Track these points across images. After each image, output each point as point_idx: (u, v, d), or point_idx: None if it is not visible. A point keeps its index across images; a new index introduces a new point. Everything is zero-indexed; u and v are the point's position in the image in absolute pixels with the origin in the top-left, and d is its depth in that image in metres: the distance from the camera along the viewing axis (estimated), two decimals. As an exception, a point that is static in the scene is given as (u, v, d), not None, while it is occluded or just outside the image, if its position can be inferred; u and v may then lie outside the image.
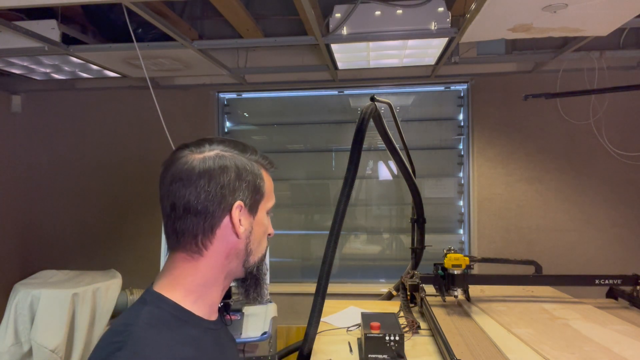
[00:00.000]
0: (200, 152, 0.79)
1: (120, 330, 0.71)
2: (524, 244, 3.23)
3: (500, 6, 1.77)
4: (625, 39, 2.90)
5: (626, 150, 3.05)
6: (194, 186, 0.76)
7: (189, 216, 0.76)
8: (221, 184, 0.77)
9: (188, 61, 2.71)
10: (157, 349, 0.70)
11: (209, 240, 0.78)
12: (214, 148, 0.80)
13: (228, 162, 0.79)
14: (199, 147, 0.81)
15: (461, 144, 3.45)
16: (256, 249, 0.84)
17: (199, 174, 0.76)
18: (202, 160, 0.77)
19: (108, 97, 3.57)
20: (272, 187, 0.88)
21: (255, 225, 0.83)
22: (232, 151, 0.81)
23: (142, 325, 0.72)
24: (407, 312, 2.11)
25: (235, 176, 0.79)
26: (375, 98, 2.19)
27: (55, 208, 3.62)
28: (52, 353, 2.30)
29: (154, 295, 0.78)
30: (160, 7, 2.31)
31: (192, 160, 0.78)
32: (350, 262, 3.59)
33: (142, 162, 3.52)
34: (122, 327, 0.72)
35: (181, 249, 0.79)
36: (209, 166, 0.77)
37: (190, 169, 0.77)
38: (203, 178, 0.76)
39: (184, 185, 0.76)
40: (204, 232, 0.77)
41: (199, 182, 0.76)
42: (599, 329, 1.79)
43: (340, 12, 2.20)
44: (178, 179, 0.77)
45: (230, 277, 0.84)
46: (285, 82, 3.42)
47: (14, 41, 2.28)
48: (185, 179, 0.76)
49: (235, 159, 0.80)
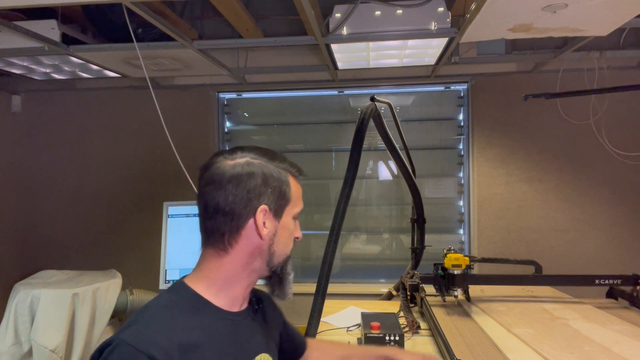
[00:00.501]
0: (232, 158, 0.87)
1: (140, 310, 0.81)
2: (524, 244, 3.23)
3: (500, 6, 1.77)
4: (625, 39, 2.90)
5: (626, 150, 3.05)
6: (224, 189, 0.84)
7: (218, 216, 0.85)
8: (248, 188, 0.84)
9: (188, 61, 2.71)
10: (162, 329, 0.76)
11: (235, 239, 0.86)
12: (244, 155, 0.87)
13: (256, 168, 0.86)
14: (231, 154, 0.88)
15: (461, 144, 3.45)
16: (280, 251, 0.90)
17: (228, 178, 0.84)
18: (232, 166, 0.85)
19: (108, 97, 3.57)
20: (299, 194, 0.93)
21: (279, 228, 0.89)
22: (260, 159, 0.88)
23: (158, 307, 0.81)
24: (407, 312, 2.11)
25: (261, 182, 0.85)
26: (375, 98, 2.19)
27: (55, 208, 3.62)
28: (52, 353, 2.30)
29: (179, 284, 0.87)
30: (160, 7, 2.31)
31: (224, 165, 0.86)
32: (350, 262, 3.59)
33: (142, 162, 3.52)
34: (143, 307, 0.82)
35: (210, 246, 0.88)
36: (237, 172, 0.85)
37: (221, 174, 0.85)
38: (232, 182, 0.84)
39: (215, 188, 0.84)
40: (230, 232, 0.85)
41: (228, 186, 0.84)
42: (599, 329, 1.79)
43: (340, 12, 2.20)
44: (210, 182, 0.85)
45: (254, 274, 0.90)
46: (285, 82, 3.42)
47: (14, 41, 2.28)
48: (216, 182, 0.84)
49: (263, 166, 0.87)
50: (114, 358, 0.71)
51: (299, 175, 0.94)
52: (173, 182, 3.27)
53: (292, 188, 0.91)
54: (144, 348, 0.72)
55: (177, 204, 2.43)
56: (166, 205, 2.42)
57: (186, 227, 2.38)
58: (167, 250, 2.34)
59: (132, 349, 0.71)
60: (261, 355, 0.92)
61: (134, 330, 0.76)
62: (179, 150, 2.43)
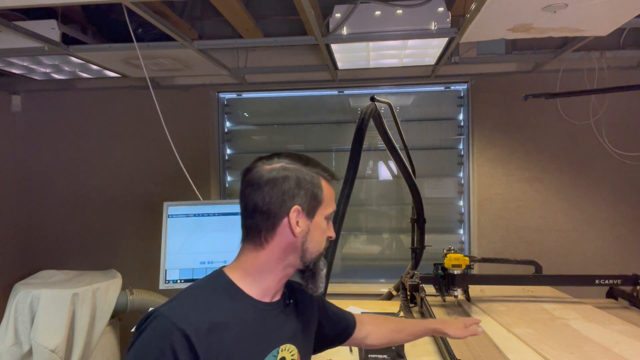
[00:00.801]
0: (270, 164, 0.97)
1: (182, 290, 0.94)
2: (524, 244, 3.23)
3: (500, 6, 1.77)
4: (625, 39, 2.90)
5: (626, 150, 3.04)
6: (261, 191, 0.94)
7: (256, 215, 0.95)
8: (282, 190, 0.94)
9: (188, 61, 2.71)
10: (196, 308, 0.88)
11: (270, 236, 0.95)
12: (280, 161, 0.97)
13: (290, 172, 0.95)
14: (269, 159, 0.98)
15: (461, 144, 3.45)
16: (313, 248, 0.99)
17: (265, 181, 0.94)
18: (269, 171, 0.95)
19: (108, 97, 3.56)
20: (331, 196, 1.02)
21: (312, 227, 0.98)
22: (295, 164, 0.97)
23: (196, 288, 0.94)
24: (407, 312, 2.11)
25: (295, 184, 0.95)
26: (375, 98, 2.19)
27: (55, 208, 3.62)
28: (52, 353, 2.30)
29: (217, 272, 0.98)
30: (160, 7, 2.31)
31: (262, 170, 0.96)
32: (351, 262, 3.59)
33: (142, 162, 3.52)
34: (184, 288, 0.95)
35: (248, 241, 0.98)
36: (273, 176, 0.94)
37: (259, 177, 0.95)
38: (268, 185, 0.94)
39: (254, 190, 0.94)
40: (266, 229, 0.95)
41: (265, 188, 0.94)
42: (599, 329, 1.79)
43: (340, 12, 2.20)
44: (250, 184, 0.96)
45: (288, 268, 0.99)
46: (285, 82, 3.42)
47: (14, 41, 2.28)
48: (255, 184, 0.95)
49: (297, 170, 0.96)
50: (153, 325, 0.85)
51: (332, 179, 1.02)
52: (173, 182, 3.27)
53: (324, 191, 0.99)
54: (178, 321, 0.83)
55: (177, 204, 2.42)
56: (166, 205, 2.41)
57: (186, 227, 2.38)
58: (167, 250, 2.33)
59: (167, 321, 0.84)
60: (286, 345, 0.99)
61: (173, 305, 0.89)
62: (179, 150, 2.43)
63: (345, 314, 1.27)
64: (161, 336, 0.83)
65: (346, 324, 1.25)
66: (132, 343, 0.87)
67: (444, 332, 1.28)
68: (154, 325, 0.85)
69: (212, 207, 2.44)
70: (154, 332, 0.84)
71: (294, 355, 1.01)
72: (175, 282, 2.31)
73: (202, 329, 0.84)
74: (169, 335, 0.82)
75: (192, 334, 0.83)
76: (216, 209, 2.43)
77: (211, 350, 0.84)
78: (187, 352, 0.82)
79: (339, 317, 1.25)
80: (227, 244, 2.36)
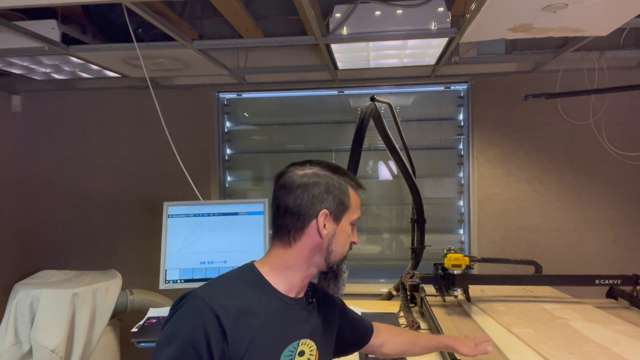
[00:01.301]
0: (302, 169, 1.04)
1: (214, 278, 1.02)
2: (524, 244, 3.23)
3: (500, 6, 1.77)
4: (625, 39, 2.90)
5: (626, 150, 3.05)
6: (293, 194, 1.01)
7: (287, 215, 1.01)
8: (312, 194, 1.01)
9: (188, 61, 2.71)
10: (227, 293, 0.96)
11: (299, 236, 1.02)
12: (313, 168, 1.05)
13: (321, 179, 1.03)
14: (302, 166, 1.05)
15: (461, 144, 3.45)
16: (337, 250, 1.06)
17: (297, 185, 1.01)
18: (301, 176, 1.02)
19: (108, 97, 3.56)
20: (357, 203, 1.09)
21: (338, 231, 1.05)
22: (326, 171, 1.05)
23: (228, 277, 1.02)
24: (407, 312, 2.11)
25: (324, 190, 1.02)
26: (375, 98, 2.19)
27: (55, 208, 3.62)
28: (52, 353, 2.30)
29: (248, 265, 1.05)
30: (160, 7, 2.31)
31: (295, 175, 1.03)
32: (351, 262, 3.58)
33: (142, 162, 3.52)
34: (217, 276, 1.03)
35: (278, 239, 1.04)
36: (305, 181, 1.02)
37: (292, 181, 1.02)
38: (300, 189, 1.01)
39: (286, 192, 1.02)
40: (295, 229, 1.01)
41: (297, 191, 1.01)
42: (599, 329, 1.79)
43: (340, 12, 2.20)
44: (283, 187, 1.03)
45: (314, 267, 1.06)
46: (285, 82, 3.42)
47: (14, 41, 2.28)
48: (287, 188, 1.02)
49: (327, 177, 1.04)
50: (188, 304, 0.92)
51: (358, 188, 1.09)
52: (173, 182, 3.27)
53: (351, 198, 1.07)
54: (211, 303, 0.91)
55: (177, 204, 2.42)
56: (166, 205, 2.41)
57: (186, 227, 2.38)
58: (167, 250, 2.33)
59: (202, 301, 0.91)
60: (305, 340, 1.04)
61: (207, 288, 0.96)
62: (179, 150, 2.43)
63: (363, 321, 1.33)
64: (195, 313, 0.90)
65: (364, 331, 1.30)
66: (167, 320, 0.93)
67: (455, 349, 1.32)
68: (189, 304, 0.92)
69: (212, 207, 2.44)
70: (189, 309, 0.92)
71: (312, 350, 1.05)
72: (175, 282, 2.31)
73: (231, 312, 0.91)
74: (202, 314, 0.89)
75: (222, 315, 0.90)
76: (216, 209, 2.43)
77: (237, 333, 0.91)
78: (216, 330, 0.88)
79: (358, 323, 1.30)
80: (227, 244, 2.36)
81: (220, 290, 0.96)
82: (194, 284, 2.27)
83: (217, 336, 0.88)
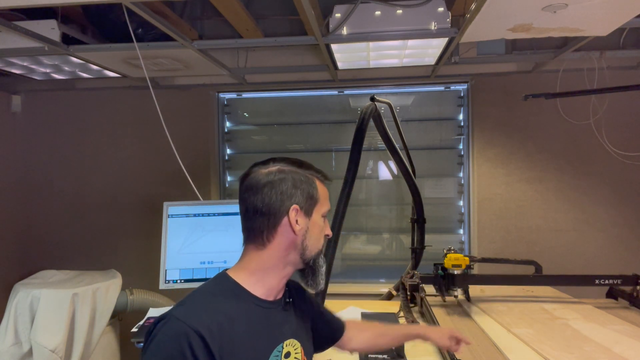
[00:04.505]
0: (266, 168, 1.02)
1: (188, 295, 0.97)
2: (524, 244, 3.23)
3: (500, 6, 1.77)
4: (625, 39, 2.90)
5: (626, 150, 3.05)
6: (260, 193, 0.98)
7: (257, 216, 0.99)
8: (280, 191, 0.98)
9: (188, 61, 2.71)
10: (206, 309, 0.91)
11: (272, 235, 0.99)
12: (276, 164, 1.02)
13: (286, 175, 1.00)
14: (265, 164, 1.03)
15: (461, 144, 3.45)
16: (312, 245, 1.03)
17: (264, 184, 0.98)
18: (266, 174, 1.00)
19: (108, 97, 3.57)
20: (326, 195, 1.08)
21: (310, 225, 1.02)
22: (290, 166, 1.02)
23: (203, 292, 0.97)
24: (407, 312, 2.11)
25: (291, 185, 1.00)
26: (375, 98, 2.19)
27: (55, 208, 3.62)
28: (52, 353, 2.30)
29: (221, 275, 1.02)
30: (160, 7, 2.31)
31: (259, 174, 1.00)
32: (351, 262, 3.59)
33: (142, 162, 3.52)
34: (191, 293, 0.97)
35: (251, 242, 1.01)
36: (271, 178, 0.99)
37: (257, 181, 0.99)
38: (267, 187, 0.98)
39: (254, 193, 0.99)
40: (268, 229, 0.99)
41: (264, 190, 0.98)
42: (599, 329, 1.79)
43: (340, 12, 2.20)
44: (249, 188, 1.00)
45: (290, 266, 1.04)
46: (285, 82, 3.42)
47: (14, 41, 2.28)
48: (254, 188, 0.99)
49: (292, 172, 1.01)
50: (167, 330, 0.87)
51: (325, 179, 1.08)
52: (173, 182, 3.27)
53: (319, 190, 1.05)
54: (191, 323, 0.86)
55: (177, 204, 2.42)
56: (166, 205, 2.41)
57: (186, 227, 2.38)
58: (167, 250, 2.33)
59: (181, 323, 0.86)
60: (290, 340, 1.03)
61: (183, 309, 0.91)
62: (179, 150, 2.43)
63: (336, 317, 1.31)
64: (177, 338, 0.85)
65: (338, 325, 1.30)
66: (144, 349, 0.87)
67: (427, 337, 1.31)
68: (167, 329, 0.87)
69: (212, 207, 2.44)
70: (169, 335, 0.86)
71: (297, 349, 1.05)
72: (175, 282, 2.31)
73: (214, 329, 0.88)
74: (186, 337, 0.85)
75: (206, 334, 0.86)
76: (216, 209, 2.43)
77: (223, 349, 0.88)
78: (204, 352, 0.85)
79: (332, 319, 1.29)
80: (227, 244, 2.36)
81: (198, 308, 0.92)
82: (194, 284, 2.27)
83: (205, 357, 0.85)
